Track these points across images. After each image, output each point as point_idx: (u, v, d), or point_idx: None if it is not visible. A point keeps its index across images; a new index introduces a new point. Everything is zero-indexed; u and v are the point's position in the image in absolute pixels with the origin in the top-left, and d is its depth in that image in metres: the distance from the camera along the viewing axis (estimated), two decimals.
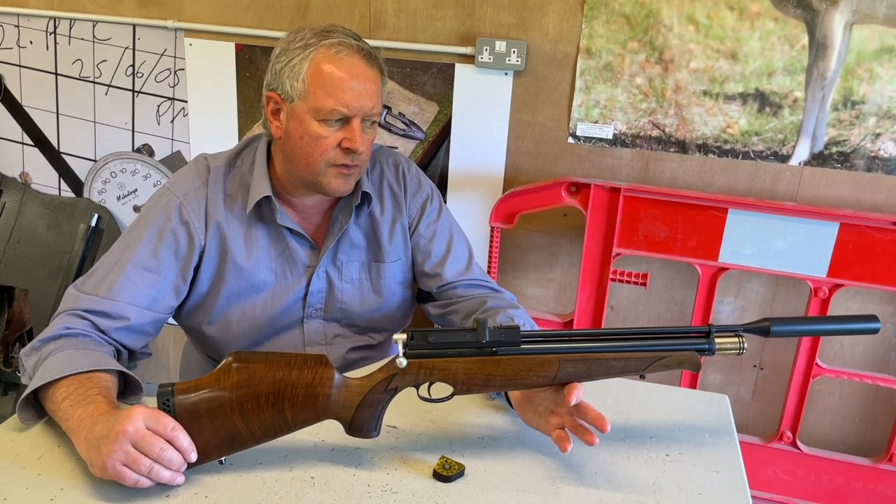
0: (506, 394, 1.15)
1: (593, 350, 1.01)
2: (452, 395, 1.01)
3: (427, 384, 1.01)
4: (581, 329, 1.02)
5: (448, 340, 1.00)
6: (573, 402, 0.98)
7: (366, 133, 1.23)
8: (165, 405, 0.94)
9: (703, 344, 1.02)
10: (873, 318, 1.05)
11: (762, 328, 1.03)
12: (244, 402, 0.95)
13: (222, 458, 0.99)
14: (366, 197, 1.33)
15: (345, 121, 1.21)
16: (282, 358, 0.99)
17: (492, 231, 2.01)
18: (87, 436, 0.94)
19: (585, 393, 1.00)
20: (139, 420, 0.91)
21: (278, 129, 1.25)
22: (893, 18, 1.73)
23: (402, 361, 0.98)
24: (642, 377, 1.03)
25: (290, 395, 0.97)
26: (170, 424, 0.93)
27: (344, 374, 1.00)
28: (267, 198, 1.27)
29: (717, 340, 1.02)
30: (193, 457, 0.94)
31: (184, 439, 0.93)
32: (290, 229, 1.30)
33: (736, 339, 1.03)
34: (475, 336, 1.00)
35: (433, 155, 2.13)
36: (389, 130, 2.13)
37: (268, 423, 0.97)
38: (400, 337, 0.99)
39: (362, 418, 1.00)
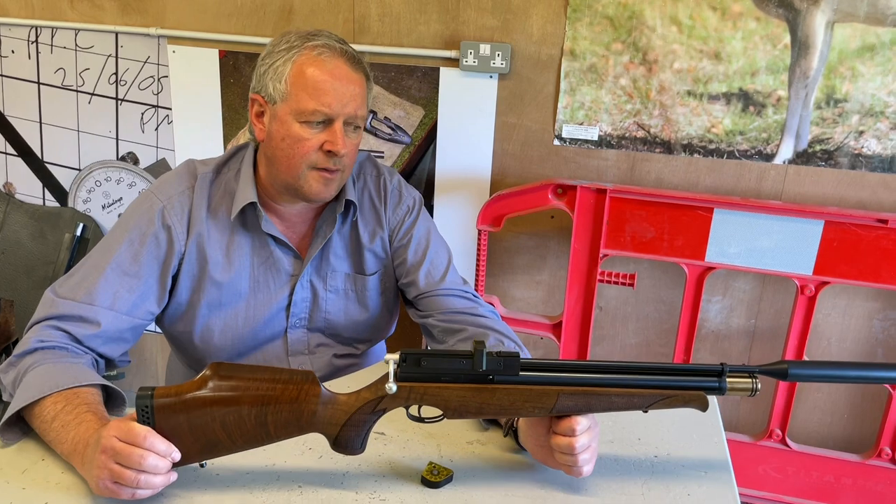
0: (514, 431, 1.09)
1: (595, 383, 0.96)
2: (442, 417, 0.98)
3: (417, 405, 0.98)
4: (584, 360, 0.98)
5: (442, 367, 0.95)
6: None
7: (349, 137, 1.22)
8: (144, 411, 0.92)
9: (713, 383, 0.97)
10: None
11: (780, 370, 0.98)
12: (226, 413, 0.93)
13: (203, 462, 0.98)
14: (350, 206, 1.32)
15: (327, 123, 1.20)
16: (266, 371, 0.96)
17: (479, 234, 2.01)
18: (83, 459, 0.94)
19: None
20: (112, 436, 0.90)
21: (261, 132, 1.24)
22: (874, 17, 1.75)
23: (392, 387, 0.94)
24: (645, 412, 0.98)
25: (274, 410, 0.94)
26: (141, 433, 0.90)
27: (331, 390, 0.97)
28: (252, 204, 1.25)
29: (728, 380, 0.97)
30: (176, 456, 0.92)
31: (160, 444, 0.91)
32: (274, 238, 1.29)
33: (749, 381, 0.97)
34: (471, 364, 0.95)
35: (419, 159, 2.13)
36: (375, 135, 2.13)
37: (249, 434, 0.95)
38: (391, 358, 0.95)
39: (347, 436, 0.97)
